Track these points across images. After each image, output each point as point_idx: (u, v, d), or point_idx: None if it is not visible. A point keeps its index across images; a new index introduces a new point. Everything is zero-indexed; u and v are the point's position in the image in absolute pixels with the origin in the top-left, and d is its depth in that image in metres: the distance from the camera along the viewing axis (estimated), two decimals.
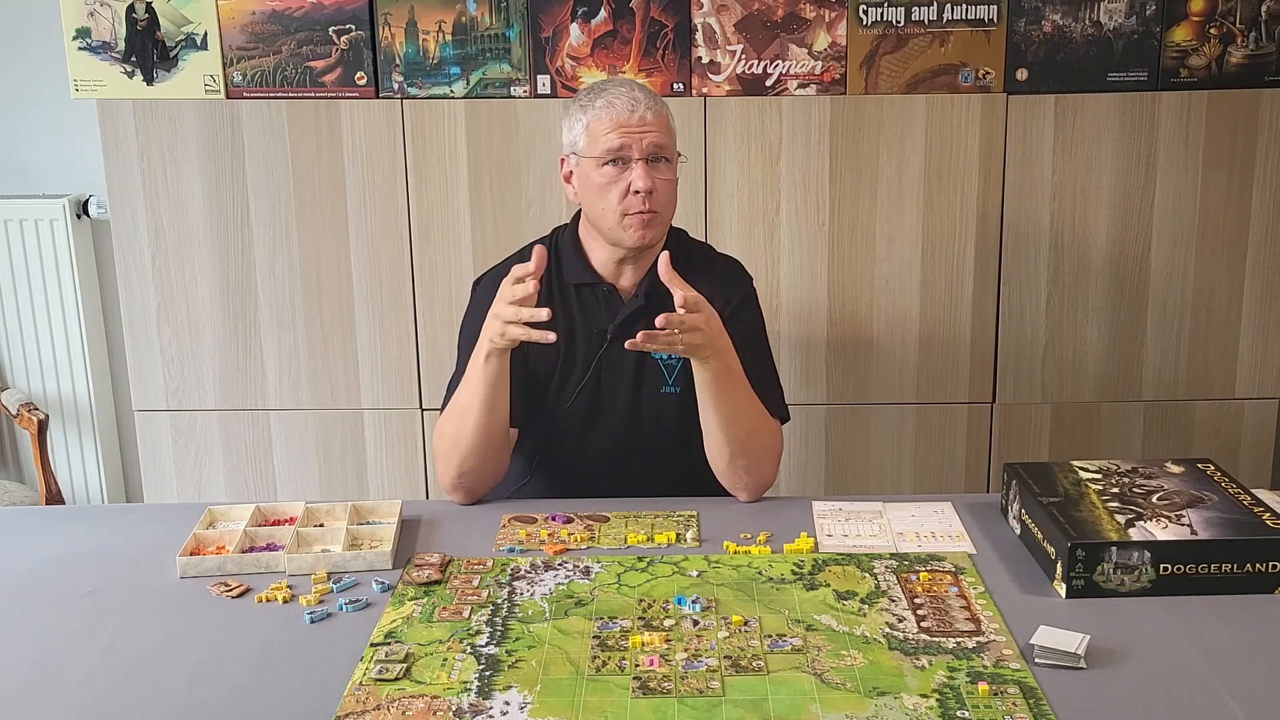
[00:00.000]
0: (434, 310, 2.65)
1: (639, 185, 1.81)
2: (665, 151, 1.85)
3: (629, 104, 1.83)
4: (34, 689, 1.33)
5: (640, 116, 1.82)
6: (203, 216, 2.61)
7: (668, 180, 1.86)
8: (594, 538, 1.70)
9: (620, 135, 1.82)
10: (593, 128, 1.85)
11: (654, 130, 1.83)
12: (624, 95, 1.84)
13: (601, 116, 1.84)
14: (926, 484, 2.71)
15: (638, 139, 1.82)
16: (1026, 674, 1.32)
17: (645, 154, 1.83)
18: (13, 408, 2.90)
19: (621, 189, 1.83)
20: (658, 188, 1.83)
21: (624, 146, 1.82)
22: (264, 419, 2.71)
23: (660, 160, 1.84)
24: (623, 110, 1.82)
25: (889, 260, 2.61)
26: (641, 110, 1.83)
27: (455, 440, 1.82)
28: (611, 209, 1.84)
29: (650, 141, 1.83)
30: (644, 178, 1.81)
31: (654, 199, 1.83)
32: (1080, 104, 2.54)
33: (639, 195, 1.82)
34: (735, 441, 1.81)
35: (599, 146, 1.83)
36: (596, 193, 1.85)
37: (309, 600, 1.52)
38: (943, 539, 1.68)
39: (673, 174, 1.87)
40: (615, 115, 1.83)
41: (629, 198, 1.83)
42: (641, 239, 1.86)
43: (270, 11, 2.52)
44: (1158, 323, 2.64)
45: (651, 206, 1.83)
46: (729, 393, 1.80)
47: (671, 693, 1.29)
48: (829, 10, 2.49)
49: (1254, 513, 1.58)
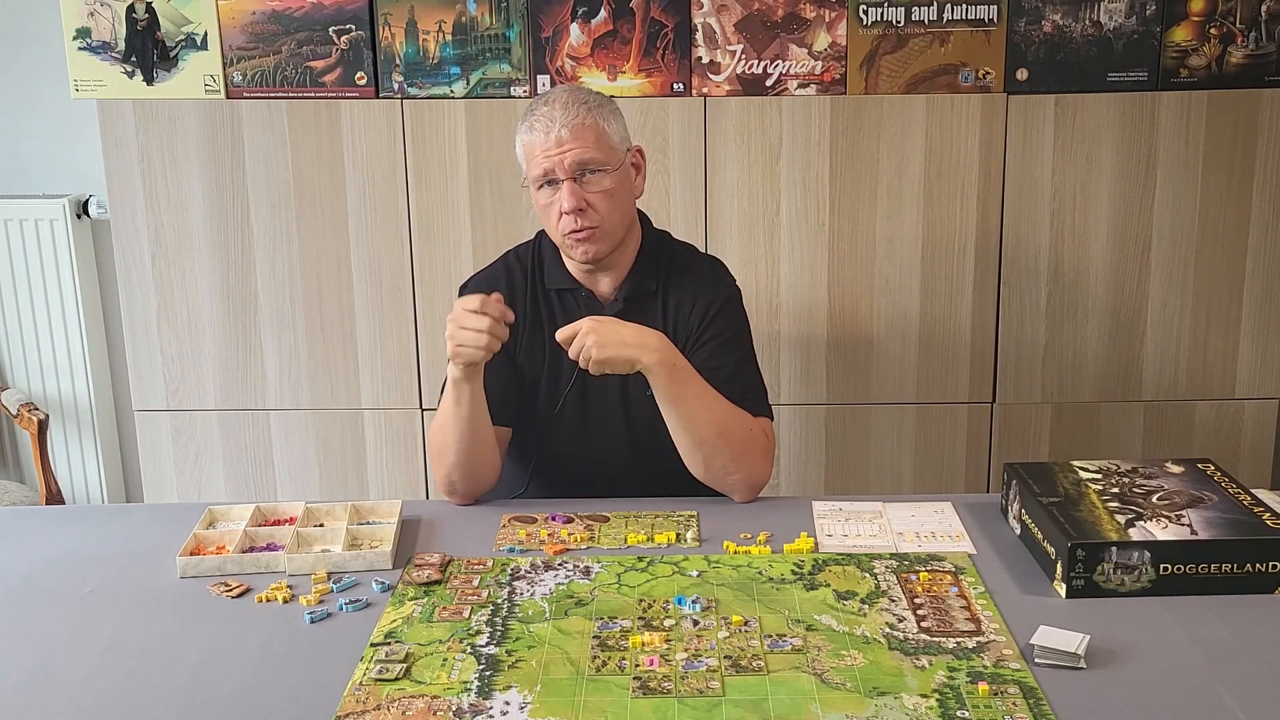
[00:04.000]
0: (434, 310, 2.65)
1: (564, 206, 1.81)
2: (593, 164, 1.82)
3: (545, 125, 1.81)
4: (34, 689, 1.33)
5: (556, 138, 1.80)
6: (203, 216, 2.61)
7: (602, 192, 1.83)
8: (594, 538, 1.70)
9: (543, 159, 1.82)
10: (525, 153, 1.86)
11: (574, 148, 1.81)
12: (543, 117, 1.82)
13: (528, 141, 1.84)
14: (926, 484, 2.71)
15: (558, 160, 1.81)
16: (1026, 674, 1.32)
17: (570, 173, 1.81)
18: (13, 408, 2.90)
19: (557, 210, 1.83)
20: (591, 203, 1.82)
21: (548, 170, 1.82)
22: (264, 419, 2.71)
23: (588, 174, 1.82)
24: (540, 133, 1.82)
25: (889, 260, 2.61)
26: (557, 130, 1.80)
27: (440, 452, 1.83)
28: (554, 230, 1.86)
29: (571, 160, 1.81)
30: (569, 198, 1.81)
31: (588, 215, 1.82)
32: (1080, 104, 2.54)
33: (569, 216, 1.81)
34: (704, 443, 1.80)
35: (532, 172, 1.85)
36: (542, 214, 1.88)
37: (309, 600, 1.52)
38: (943, 539, 1.68)
39: (611, 182, 1.84)
40: (536, 139, 1.82)
41: (563, 218, 1.83)
42: (585, 255, 1.85)
43: (270, 11, 2.52)
44: (1158, 323, 2.65)
45: (587, 223, 1.82)
46: (683, 395, 1.79)
47: (671, 693, 1.29)
48: (829, 10, 2.49)
49: (1254, 513, 1.58)
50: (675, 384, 1.78)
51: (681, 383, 1.79)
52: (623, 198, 1.87)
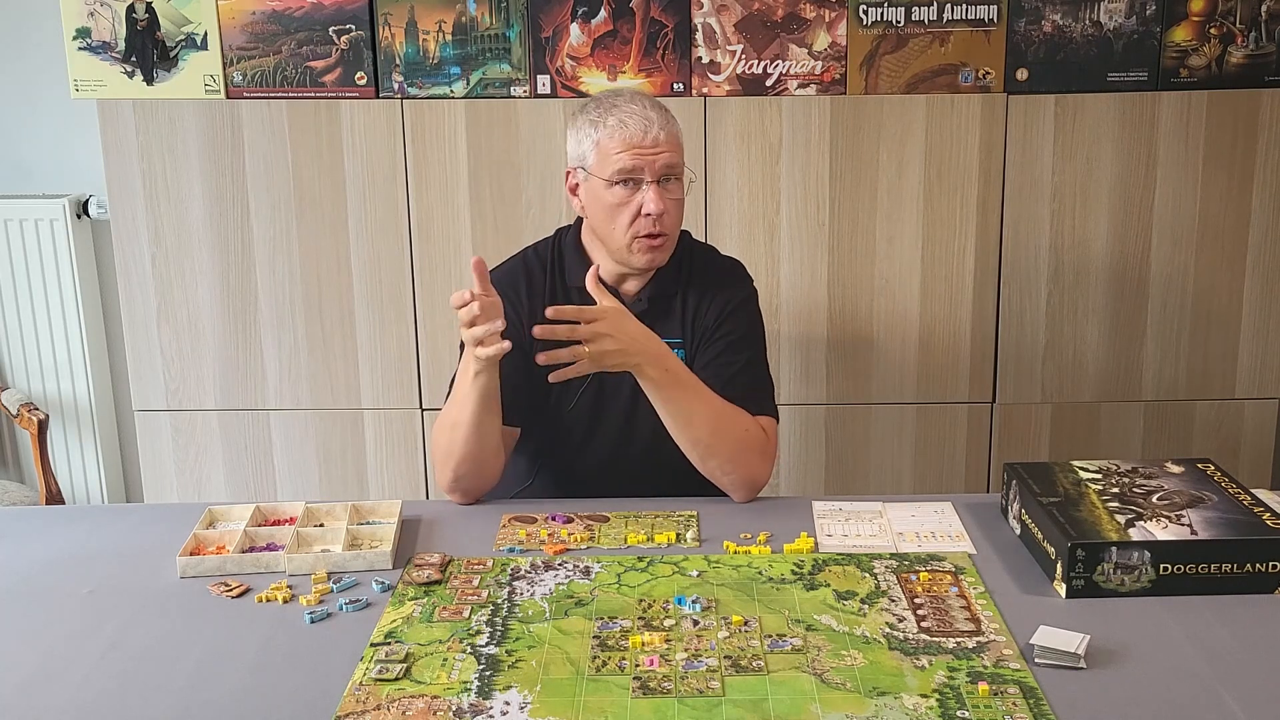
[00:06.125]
0: (434, 310, 2.65)
1: (651, 208, 1.78)
2: (676, 171, 1.82)
3: (643, 124, 1.78)
4: (34, 689, 1.33)
5: (654, 137, 1.78)
6: (203, 216, 2.61)
7: (677, 200, 1.83)
8: (594, 538, 1.70)
9: (633, 157, 1.78)
10: (604, 145, 1.80)
11: (667, 151, 1.80)
12: (637, 114, 1.79)
13: (614, 135, 1.79)
14: (926, 484, 2.71)
15: (650, 161, 1.78)
16: (1026, 674, 1.32)
17: (658, 176, 1.79)
18: (13, 408, 2.90)
19: (632, 211, 1.80)
20: (668, 209, 1.81)
21: (636, 168, 1.78)
22: (264, 419, 2.71)
23: (671, 180, 1.82)
24: (636, 131, 1.78)
25: (889, 260, 2.61)
26: (655, 131, 1.78)
27: (449, 450, 1.81)
28: (621, 230, 1.82)
29: (663, 163, 1.79)
30: (656, 201, 1.78)
31: (665, 221, 1.80)
32: (1080, 104, 2.54)
33: (649, 218, 1.79)
34: (700, 443, 1.79)
35: (610, 167, 1.79)
36: (606, 213, 1.82)
37: (309, 600, 1.52)
38: (943, 539, 1.68)
39: (682, 193, 1.85)
40: (628, 135, 1.78)
41: (639, 220, 1.80)
42: (650, 262, 1.84)
43: (270, 11, 2.52)
44: (1158, 323, 2.65)
45: (662, 229, 1.81)
46: (677, 396, 1.78)
47: (671, 693, 1.29)
48: (829, 10, 2.49)
49: (1254, 513, 1.58)
50: (675, 387, 1.78)
51: (681, 386, 1.79)
52: (683, 209, 1.87)
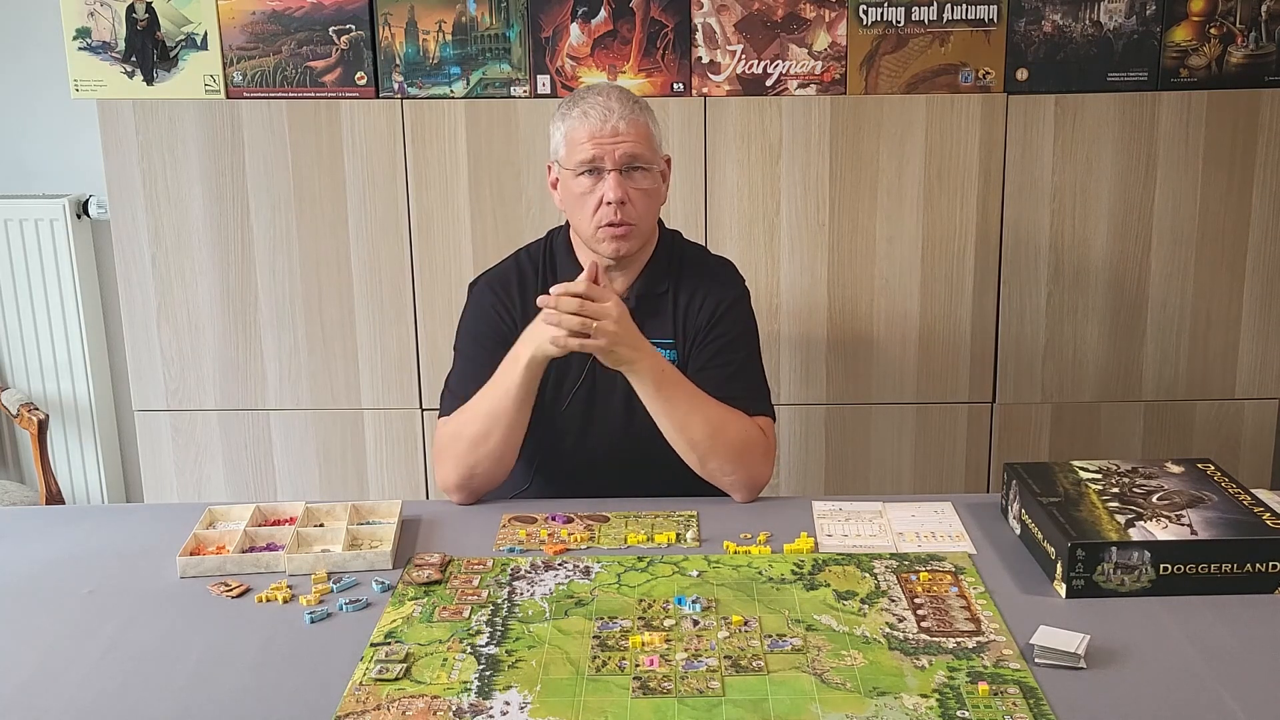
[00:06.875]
0: (434, 310, 2.65)
1: (610, 196, 1.81)
2: (641, 161, 1.84)
3: (602, 114, 1.82)
4: (34, 689, 1.33)
5: (613, 127, 1.82)
6: (203, 216, 2.61)
7: (643, 190, 1.85)
8: (594, 538, 1.70)
9: (593, 146, 1.82)
10: (570, 137, 1.85)
11: (628, 140, 1.82)
12: (599, 105, 1.83)
13: (577, 126, 1.84)
14: (926, 484, 2.71)
15: (610, 150, 1.82)
16: (1026, 674, 1.32)
17: (618, 165, 1.82)
18: (13, 408, 2.90)
19: (596, 199, 1.83)
20: (631, 199, 1.83)
21: (596, 158, 1.82)
22: (264, 419, 2.71)
23: (636, 170, 1.84)
24: (595, 120, 1.82)
25: (889, 260, 2.61)
26: (614, 120, 1.82)
27: (475, 442, 1.82)
28: (588, 219, 1.85)
29: (623, 152, 1.82)
30: (615, 188, 1.81)
31: (627, 210, 1.83)
32: (1080, 104, 2.54)
33: (610, 206, 1.82)
34: (697, 445, 1.81)
35: (575, 157, 1.84)
36: (574, 203, 1.87)
37: (309, 600, 1.52)
38: (943, 539, 1.68)
39: (652, 183, 1.86)
40: (589, 125, 1.82)
41: (602, 209, 1.83)
42: (615, 250, 1.86)
43: (270, 11, 2.52)
44: (1158, 323, 2.65)
45: (624, 218, 1.83)
46: (672, 398, 1.80)
47: (671, 693, 1.29)
48: (829, 10, 2.49)
49: (1254, 513, 1.58)
50: (669, 389, 1.79)
51: (675, 388, 1.80)
52: (656, 201, 1.89)
